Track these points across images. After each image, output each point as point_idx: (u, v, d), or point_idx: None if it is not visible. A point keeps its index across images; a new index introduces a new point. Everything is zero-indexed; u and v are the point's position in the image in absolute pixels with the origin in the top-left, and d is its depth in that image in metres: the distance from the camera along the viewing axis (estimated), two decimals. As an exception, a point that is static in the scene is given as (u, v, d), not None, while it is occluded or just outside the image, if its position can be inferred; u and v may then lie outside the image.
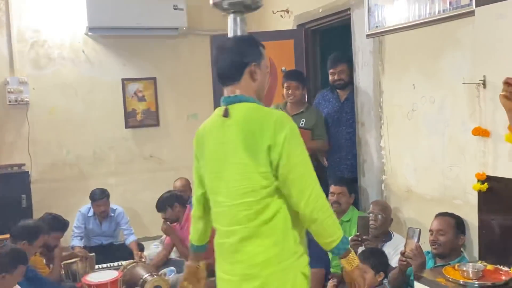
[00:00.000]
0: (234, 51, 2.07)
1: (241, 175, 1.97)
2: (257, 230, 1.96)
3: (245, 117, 1.99)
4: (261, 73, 2.08)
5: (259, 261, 1.97)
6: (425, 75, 3.49)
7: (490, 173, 2.87)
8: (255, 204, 1.96)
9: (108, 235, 5.10)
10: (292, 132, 1.93)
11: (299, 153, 1.94)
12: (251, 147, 1.93)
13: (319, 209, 1.93)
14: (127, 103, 5.81)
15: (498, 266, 2.74)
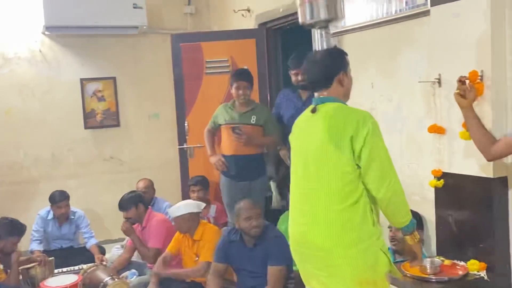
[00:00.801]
0: (324, 63, 2.37)
1: (326, 163, 2.21)
2: (342, 214, 2.18)
3: (330, 113, 2.26)
4: (348, 79, 2.38)
5: (344, 240, 2.18)
6: (383, 74, 3.54)
7: (446, 169, 2.93)
8: (340, 190, 2.19)
9: (68, 238, 5.00)
10: (374, 127, 2.19)
11: (381, 146, 2.20)
12: (335, 137, 2.19)
13: (398, 195, 2.20)
14: (86, 103, 5.69)
15: (455, 261, 2.81)
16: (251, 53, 5.06)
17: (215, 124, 4.46)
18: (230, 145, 4.29)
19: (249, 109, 4.32)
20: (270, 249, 3.42)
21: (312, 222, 2.25)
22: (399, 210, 2.24)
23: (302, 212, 2.31)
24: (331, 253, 2.20)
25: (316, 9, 2.68)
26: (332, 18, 2.71)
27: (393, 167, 2.22)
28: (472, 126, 2.58)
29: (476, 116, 2.57)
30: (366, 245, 2.18)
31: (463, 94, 2.60)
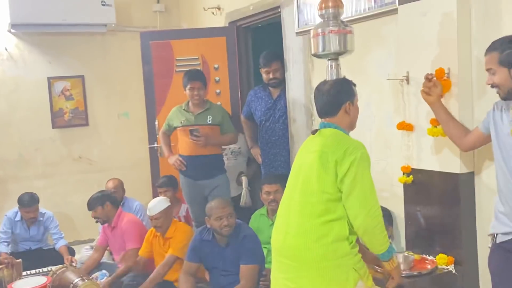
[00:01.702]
0: (332, 93, 2.45)
1: (311, 179, 2.32)
2: (319, 228, 2.26)
3: (327, 137, 2.38)
4: (354, 108, 2.47)
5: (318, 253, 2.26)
6: (352, 72, 3.55)
7: (415, 165, 2.98)
8: (318, 204, 2.29)
9: (36, 240, 4.91)
10: (362, 157, 2.28)
11: (365, 175, 2.27)
12: (323, 159, 2.30)
13: (376, 225, 2.25)
14: (54, 102, 5.60)
15: (424, 256, 2.85)
16: (221, 51, 5.04)
17: (170, 127, 4.44)
18: (188, 146, 4.28)
19: (204, 110, 4.31)
20: (242, 248, 3.42)
21: (290, 231, 2.35)
22: (377, 239, 2.29)
23: (284, 221, 2.41)
24: (304, 264, 2.28)
25: (328, 42, 2.82)
26: (342, 52, 2.84)
27: (374, 198, 2.28)
28: (443, 121, 2.64)
29: (446, 110, 2.63)
30: (339, 262, 2.26)
31: (427, 92, 2.66)
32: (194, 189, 4.36)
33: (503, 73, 2.23)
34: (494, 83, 2.28)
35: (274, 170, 4.42)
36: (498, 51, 2.24)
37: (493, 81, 2.28)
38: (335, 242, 2.26)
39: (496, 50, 2.26)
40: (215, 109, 4.38)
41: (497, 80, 2.26)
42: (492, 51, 2.28)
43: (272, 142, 4.46)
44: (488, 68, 2.29)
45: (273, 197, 3.91)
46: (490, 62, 2.28)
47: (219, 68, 5.03)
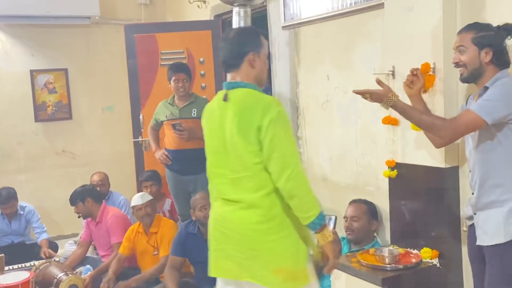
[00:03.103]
0: (235, 41, 2.27)
1: (237, 152, 2.17)
2: (260, 201, 2.16)
3: (240, 102, 2.19)
4: (260, 61, 2.27)
5: (263, 227, 2.16)
6: (338, 66, 3.58)
7: (399, 160, 2.99)
8: (252, 178, 2.16)
9: (18, 234, 4.86)
10: (279, 115, 2.11)
11: (283, 135, 2.12)
12: (244, 129, 2.14)
13: (299, 186, 2.11)
14: (37, 95, 5.53)
15: (408, 249, 2.87)
16: (207, 45, 5.02)
17: (157, 121, 4.42)
18: (173, 140, 4.26)
19: (188, 103, 4.29)
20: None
21: (232, 208, 2.23)
22: (303, 203, 2.13)
23: (225, 199, 2.27)
24: (251, 237, 2.19)
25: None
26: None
27: (296, 158, 2.15)
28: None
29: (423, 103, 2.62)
30: (286, 233, 2.17)
31: (408, 84, 2.66)
32: (179, 184, 4.34)
33: (473, 51, 2.28)
34: (461, 61, 2.31)
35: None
36: (474, 31, 2.29)
37: (460, 59, 2.31)
38: (279, 214, 2.16)
39: (472, 30, 2.30)
40: (200, 102, 4.35)
41: (465, 58, 2.29)
42: (467, 31, 2.32)
43: (258, 136, 4.45)
44: (459, 46, 2.32)
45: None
46: (462, 40, 2.31)
47: (205, 62, 5.00)
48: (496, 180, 2.27)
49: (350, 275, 2.76)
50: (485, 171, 2.29)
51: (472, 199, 2.39)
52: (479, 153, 2.31)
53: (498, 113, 2.19)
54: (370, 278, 2.64)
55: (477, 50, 2.27)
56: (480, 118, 2.19)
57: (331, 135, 3.69)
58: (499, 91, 2.22)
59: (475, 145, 2.33)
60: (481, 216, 2.34)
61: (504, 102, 2.19)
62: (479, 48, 2.27)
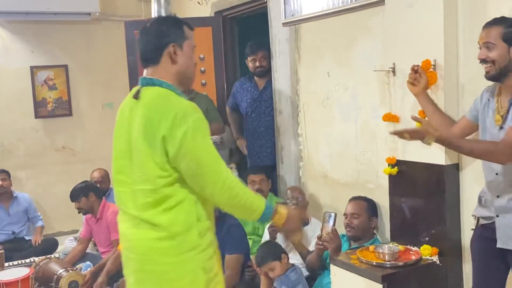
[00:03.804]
0: (153, 32, 1.99)
1: (140, 161, 1.92)
2: (158, 218, 1.90)
3: (150, 104, 1.92)
4: (184, 55, 1.99)
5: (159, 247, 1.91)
6: (338, 63, 3.57)
7: (400, 157, 2.98)
8: (152, 193, 1.90)
9: (17, 222, 4.88)
10: (195, 126, 1.85)
11: (204, 146, 1.88)
12: (150, 136, 1.87)
13: (236, 195, 1.90)
14: (37, 91, 5.52)
15: (408, 247, 2.87)
16: (207, 42, 5.00)
17: None
18: None
19: (188, 99, 4.25)
20: (227, 238, 3.41)
21: (130, 223, 1.99)
22: (244, 210, 1.94)
23: (124, 211, 2.03)
24: (144, 257, 1.94)
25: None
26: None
27: (222, 166, 1.91)
28: (428, 111, 2.63)
29: (431, 101, 2.62)
30: (184, 257, 1.91)
31: (413, 83, 2.66)
32: None
33: (503, 49, 2.16)
34: (489, 58, 2.19)
35: (260, 162, 4.42)
36: (503, 26, 2.17)
37: (487, 55, 2.19)
38: (181, 233, 1.89)
39: (501, 24, 2.18)
40: (200, 99, 4.34)
41: (493, 55, 2.17)
42: (495, 25, 2.19)
43: (258, 133, 4.45)
44: (486, 42, 2.19)
45: (258, 187, 3.92)
46: (489, 35, 2.18)
47: (205, 58, 4.98)
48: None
49: (350, 272, 2.76)
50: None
51: (497, 201, 2.28)
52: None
53: None
54: (370, 275, 2.64)
55: (507, 47, 2.16)
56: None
57: (331, 132, 3.69)
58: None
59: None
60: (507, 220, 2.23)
61: None
62: (508, 44, 2.15)
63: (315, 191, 3.91)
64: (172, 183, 1.90)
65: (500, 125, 2.23)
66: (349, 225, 3.15)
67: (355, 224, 3.13)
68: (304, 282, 3.11)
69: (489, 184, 2.33)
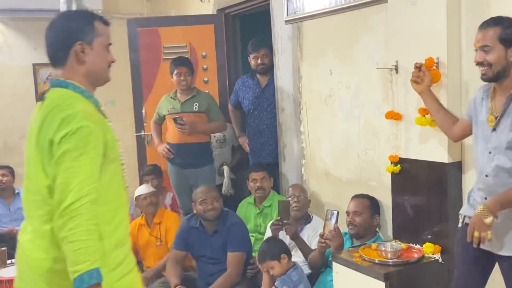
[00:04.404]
0: (57, 28, 1.81)
1: (33, 169, 1.75)
2: (48, 235, 1.70)
3: (48, 105, 1.73)
4: (94, 54, 1.81)
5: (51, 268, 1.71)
6: (341, 61, 3.56)
7: (403, 155, 2.98)
8: (42, 204, 1.71)
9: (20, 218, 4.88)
10: (79, 131, 1.64)
11: (76, 155, 1.63)
12: (41, 140, 1.70)
13: (74, 227, 1.59)
14: (39, 89, 5.53)
15: (411, 244, 2.87)
16: (209, 39, 5.00)
17: (159, 115, 4.43)
18: (175, 134, 4.27)
19: (190, 97, 4.30)
20: (229, 236, 3.42)
21: (26, 237, 1.80)
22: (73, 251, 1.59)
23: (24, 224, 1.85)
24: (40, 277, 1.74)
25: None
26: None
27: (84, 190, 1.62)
28: (432, 109, 2.61)
29: (435, 99, 2.60)
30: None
31: (416, 81, 2.64)
32: (181, 178, 4.36)
33: (500, 51, 2.12)
34: (486, 61, 2.15)
35: (262, 159, 4.42)
36: (500, 27, 2.12)
37: (484, 59, 2.15)
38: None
39: (498, 25, 2.12)
40: (201, 96, 4.35)
41: (491, 58, 2.13)
42: (491, 26, 2.13)
43: (260, 131, 4.45)
44: (483, 45, 2.14)
45: (259, 185, 3.93)
46: (486, 37, 2.13)
47: (207, 56, 4.99)
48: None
49: (352, 270, 2.76)
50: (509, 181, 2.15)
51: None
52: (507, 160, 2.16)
53: None
54: (372, 273, 2.64)
55: (504, 49, 2.11)
56: None
57: (334, 130, 3.68)
58: None
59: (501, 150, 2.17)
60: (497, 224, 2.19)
61: None
62: (506, 46, 2.11)
63: (317, 189, 3.91)
64: None
65: (493, 127, 2.21)
66: (351, 223, 3.15)
67: (357, 222, 3.12)
68: (305, 281, 3.11)
69: (479, 186, 2.31)
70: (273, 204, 3.93)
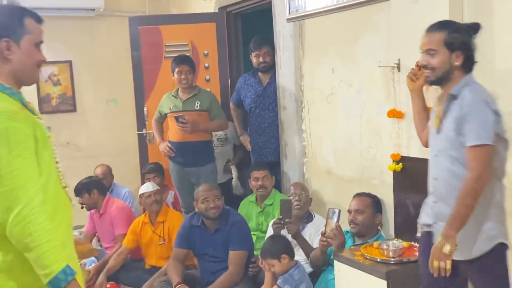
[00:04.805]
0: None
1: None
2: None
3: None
4: (21, 52, 1.71)
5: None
6: (343, 59, 3.56)
7: (404, 153, 2.98)
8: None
9: None
10: (3, 135, 1.57)
11: (9, 162, 1.56)
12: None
13: (31, 232, 1.54)
14: (41, 87, 5.53)
15: (413, 243, 2.86)
16: (211, 37, 5.00)
17: (161, 114, 4.43)
18: (177, 133, 4.26)
19: (192, 95, 4.29)
20: (231, 234, 3.42)
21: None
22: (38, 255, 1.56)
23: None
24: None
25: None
26: None
27: (30, 191, 1.57)
28: (414, 109, 2.57)
29: (422, 101, 2.54)
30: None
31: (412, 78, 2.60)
32: (183, 176, 4.36)
33: (444, 55, 2.13)
34: (430, 64, 2.16)
35: (264, 158, 4.42)
36: (446, 32, 2.13)
37: (429, 62, 2.16)
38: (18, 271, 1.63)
39: (444, 29, 2.14)
40: (203, 95, 4.35)
41: (435, 62, 2.14)
42: (437, 30, 2.15)
43: (262, 129, 4.44)
44: (428, 49, 2.16)
45: (261, 183, 3.93)
46: (432, 41, 2.14)
47: (209, 54, 4.99)
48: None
49: (354, 269, 2.75)
50: (456, 183, 2.12)
51: (434, 208, 2.26)
52: (450, 162, 2.16)
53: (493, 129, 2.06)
54: (374, 272, 2.64)
55: (449, 54, 2.13)
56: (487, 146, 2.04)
57: (336, 128, 3.68)
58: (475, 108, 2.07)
59: (447, 153, 2.17)
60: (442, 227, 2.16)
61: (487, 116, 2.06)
62: (450, 50, 2.12)
63: (319, 187, 3.90)
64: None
65: (437, 130, 2.22)
66: (353, 221, 3.14)
67: (359, 220, 3.12)
68: (307, 280, 3.11)
69: (430, 189, 2.30)
70: (274, 203, 3.93)
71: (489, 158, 2.07)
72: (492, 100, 2.13)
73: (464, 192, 2.07)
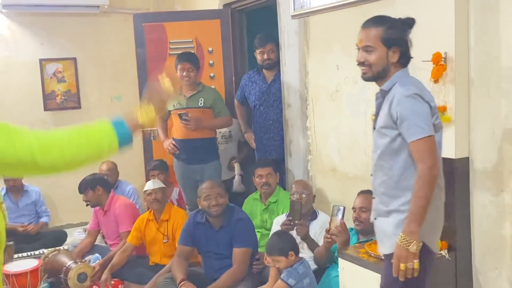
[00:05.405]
0: None
1: None
2: None
3: None
4: None
5: None
6: (348, 56, 3.54)
7: (409, 150, 2.96)
8: None
9: (26, 214, 4.92)
10: None
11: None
12: None
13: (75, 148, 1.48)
14: (46, 84, 5.54)
15: (416, 241, 2.85)
16: (216, 34, 4.99)
17: None
18: (181, 130, 4.26)
19: (196, 92, 4.28)
20: (235, 231, 3.42)
21: None
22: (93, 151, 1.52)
23: None
24: None
25: None
26: None
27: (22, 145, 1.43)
28: None
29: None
30: None
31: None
32: (187, 173, 4.36)
33: (382, 52, 2.13)
34: (367, 61, 2.15)
35: (268, 155, 4.41)
36: (382, 28, 2.12)
37: (366, 59, 2.15)
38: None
39: (380, 25, 2.12)
40: (207, 92, 4.34)
41: (372, 59, 2.13)
42: (374, 26, 2.14)
43: (266, 126, 4.44)
44: (365, 46, 2.15)
45: (265, 180, 3.92)
46: (369, 38, 2.14)
47: (213, 51, 4.98)
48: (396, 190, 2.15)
49: (358, 266, 2.75)
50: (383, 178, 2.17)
51: (374, 203, 2.27)
52: (380, 157, 2.19)
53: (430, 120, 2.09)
54: (378, 269, 2.62)
55: (386, 50, 2.12)
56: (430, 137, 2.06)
57: (340, 126, 3.67)
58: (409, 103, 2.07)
59: (383, 150, 2.17)
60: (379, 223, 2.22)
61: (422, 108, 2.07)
62: (387, 47, 2.12)
63: (323, 184, 3.89)
64: None
65: (374, 126, 2.25)
66: (357, 219, 3.13)
67: (363, 218, 3.11)
68: (311, 275, 3.10)
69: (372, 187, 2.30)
70: (279, 200, 3.93)
71: (435, 147, 2.09)
72: (426, 92, 2.14)
73: (421, 184, 2.06)
